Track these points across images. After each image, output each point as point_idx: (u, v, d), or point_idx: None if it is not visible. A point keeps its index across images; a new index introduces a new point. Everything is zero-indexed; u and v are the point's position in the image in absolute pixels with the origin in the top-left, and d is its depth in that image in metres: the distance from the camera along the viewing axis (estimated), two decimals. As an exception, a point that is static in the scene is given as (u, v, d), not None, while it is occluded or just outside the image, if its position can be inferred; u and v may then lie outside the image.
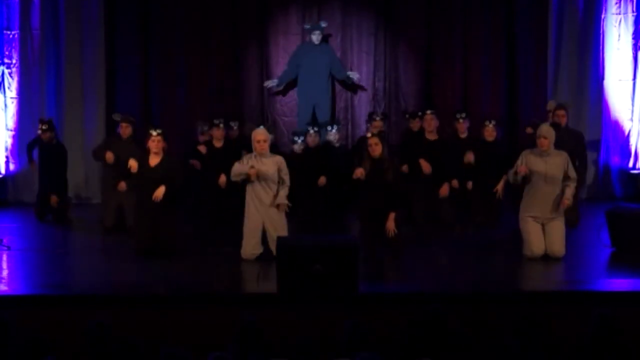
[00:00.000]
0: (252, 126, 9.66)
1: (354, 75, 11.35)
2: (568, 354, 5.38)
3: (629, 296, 6.92)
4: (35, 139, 10.36)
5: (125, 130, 9.73)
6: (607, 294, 7.02)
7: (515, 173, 7.99)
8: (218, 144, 9.88)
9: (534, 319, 5.53)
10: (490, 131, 9.64)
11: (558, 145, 8.16)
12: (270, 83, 11.36)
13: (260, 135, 8.09)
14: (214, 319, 6.52)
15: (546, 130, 8.05)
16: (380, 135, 8.37)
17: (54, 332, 6.03)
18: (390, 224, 8.04)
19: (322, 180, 9.69)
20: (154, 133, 8.28)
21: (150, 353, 5.00)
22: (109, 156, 9.43)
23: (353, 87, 11.55)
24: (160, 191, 8.09)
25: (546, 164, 7.97)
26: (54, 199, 9.97)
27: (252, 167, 7.95)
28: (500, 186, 8.83)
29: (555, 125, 8.49)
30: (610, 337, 5.37)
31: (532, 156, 8.04)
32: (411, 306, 6.42)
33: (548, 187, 7.98)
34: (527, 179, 8.01)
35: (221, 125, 9.87)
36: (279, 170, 8.06)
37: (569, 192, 7.99)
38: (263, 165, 8.01)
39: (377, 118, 10.19)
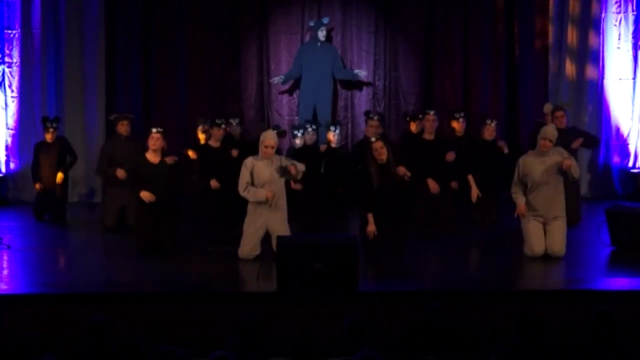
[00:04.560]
0: (262, 126, 9.64)
1: (361, 72, 11.32)
2: (567, 352, 5.38)
3: (628, 295, 6.92)
4: (35, 150, 10.32)
5: (126, 127, 9.74)
6: (606, 293, 7.01)
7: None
8: (215, 143, 9.84)
9: (534, 318, 5.54)
10: (491, 130, 9.63)
11: (561, 145, 8.15)
12: (276, 79, 11.32)
13: (270, 140, 7.95)
14: (214, 318, 6.52)
15: (552, 133, 8.02)
16: (383, 138, 8.32)
17: (54, 330, 6.02)
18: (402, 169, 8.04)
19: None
20: (155, 131, 8.34)
21: (150, 351, 4.99)
22: (121, 173, 9.38)
23: (355, 84, 11.55)
24: (147, 195, 8.15)
25: (544, 164, 7.96)
26: (59, 176, 9.94)
27: (267, 190, 7.89)
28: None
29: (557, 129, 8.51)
30: (609, 335, 5.38)
31: (530, 160, 8.02)
32: (411, 304, 6.43)
33: (549, 185, 7.97)
34: (527, 187, 8.02)
35: (222, 125, 9.82)
36: (281, 163, 8.00)
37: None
38: (271, 170, 7.94)
39: (375, 117, 10.16)
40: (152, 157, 8.33)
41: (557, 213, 8.00)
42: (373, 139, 8.22)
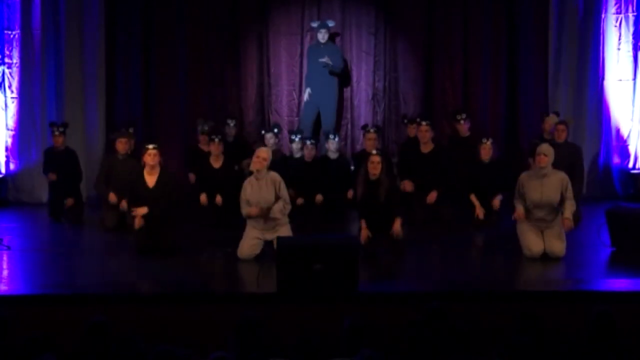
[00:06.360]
0: (260, 144, 9.60)
1: (323, 60, 11.15)
2: (568, 352, 5.38)
3: (628, 295, 6.92)
4: (45, 155, 10.30)
5: (124, 146, 9.68)
6: (606, 293, 7.01)
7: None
8: (216, 164, 9.68)
9: (534, 318, 5.54)
10: (487, 149, 9.48)
11: (556, 159, 8.13)
12: (306, 95, 11.25)
13: (263, 153, 8.03)
14: (214, 318, 6.52)
15: (546, 149, 8.06)
16: (383, 154, 8.35)
17: (53, 331, 6.02)
18: (397, 229, 8.03)
19: (319, 198, 9.69)
20: (150, 147, 8.31)
21: (150, 351, 4.99)
22: (112, 198, 9.41)
23: (344, 79, 11.50)
24: (141, 210, 8.16)
25: (543, 186, 7.95)
26: (69, 201, 9.96)
27: (253, 207, 7.92)
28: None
29: (552, 142, 8.54)
30: (609, 335, 5.38)
31: (529, 180, 8.03)
32: (411, 304, 6.43)
33: (543, 210, 8.01)
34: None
35: (217, 140, 9.61)
36: (276, 190, 8.00)
37: (569, 210, 7.97)
38: (261, 191, 7.94)
39: (372, 130, 10.07)
40: (148, 174, 8.33)
41: (553, 225, 8.03)
42: (374, 152, 8.33)
